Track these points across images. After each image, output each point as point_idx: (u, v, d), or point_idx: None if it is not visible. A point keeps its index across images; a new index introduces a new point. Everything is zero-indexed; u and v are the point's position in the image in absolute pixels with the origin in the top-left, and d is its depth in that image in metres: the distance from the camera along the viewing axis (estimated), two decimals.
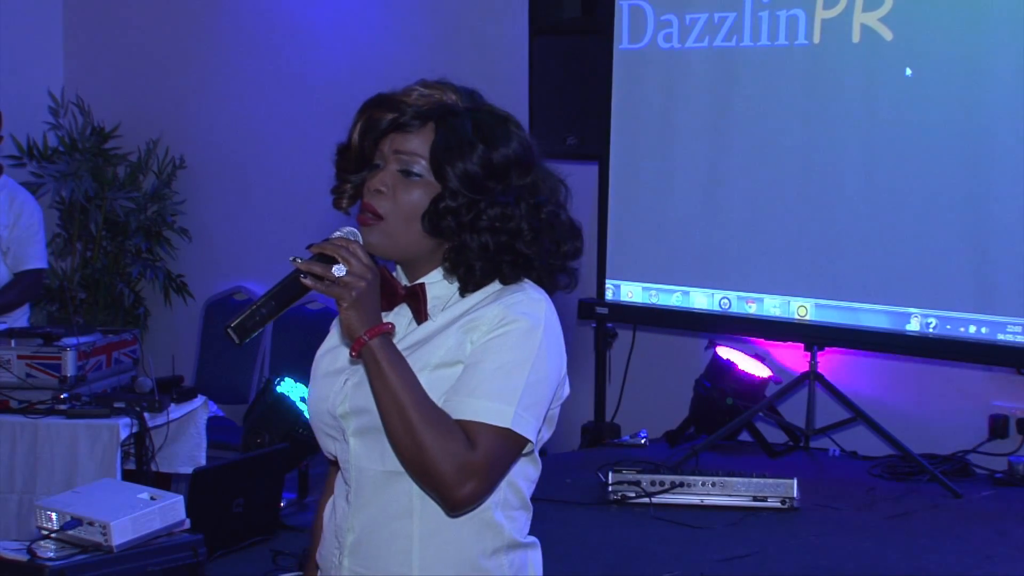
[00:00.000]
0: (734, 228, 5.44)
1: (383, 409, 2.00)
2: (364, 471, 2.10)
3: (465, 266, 2.08)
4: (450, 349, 2.07)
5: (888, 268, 5.07)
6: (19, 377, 4.58)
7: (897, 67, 5.01)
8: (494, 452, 2.01)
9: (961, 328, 4.93)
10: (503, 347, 2.04)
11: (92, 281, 7.27)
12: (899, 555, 4.24)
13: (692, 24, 5.51)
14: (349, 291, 1.98)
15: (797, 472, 4.88)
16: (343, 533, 2.14)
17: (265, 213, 7.15)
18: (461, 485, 1.98)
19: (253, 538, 4.07)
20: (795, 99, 5.27)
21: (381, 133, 2.09)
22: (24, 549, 3.12)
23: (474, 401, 2.02)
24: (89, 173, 7.14)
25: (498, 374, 2.03)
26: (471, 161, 2.05)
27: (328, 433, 2.16)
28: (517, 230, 2.08)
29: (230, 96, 7.24)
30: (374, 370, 1.99)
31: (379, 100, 2.10)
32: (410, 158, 2.07)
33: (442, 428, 1.98)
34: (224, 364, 6.97)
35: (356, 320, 1.99)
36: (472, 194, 2.06)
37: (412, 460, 2.00)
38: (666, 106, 5.60)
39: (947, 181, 4.93)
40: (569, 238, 2.15)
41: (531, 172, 2.11)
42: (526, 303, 2.09)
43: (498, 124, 2.11)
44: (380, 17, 6.76)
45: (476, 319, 2.07)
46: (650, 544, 4.31)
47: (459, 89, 2.15)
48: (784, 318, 5.34)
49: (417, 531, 2.08)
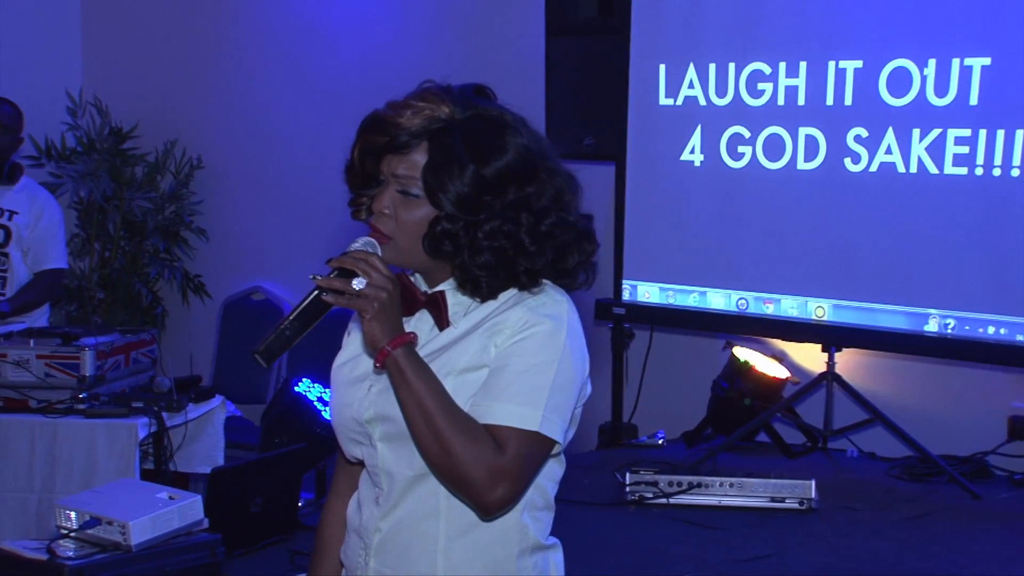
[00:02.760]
0: (751, 229, 5.44)
1: (410, 418, 2.00)
2: (393, 475, 2.11)
3: (472, 283, 2.09)
4: (474, 354, 2.07)
5: (906, 269, 5.06)
6: (38, 377, 4.59)
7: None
8: (523, 455, 2.01)
9: (980, 329, 4.91)
10: (528, 350, 2.04)
11: (110, 281, 7.29)
12: (917, 556, 4.23)
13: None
14: (371, 303, 1.99)
15: (815, 473, 4.87)
16: (369, 534, 2.14)
17: (282, 213, 7.16)
18: (492, 490, 1.99)
19: (271, 538, 4.08)
20: (813, 97, 5.26)
21: (378, 154, 2.10)
22: (44, 548, 3.13)
23: (501, 405, 2.02)
24: (107, 173, 7.16)
25: (524, 377, 2.03)
26: (462, 182, 2.04)
27: (353, 439, 2.16)
28: (519, 244, 2.06)
29: (247, 96, 7.26)
30: (399, 380, 2.00)
31: (372, 123, 2.10)
32: (407, 180, 2.07)
33: (470, 434, 1.99)
34: (242, 364, 6.97)
35: (379, 331, 2.00)
36: (468, 215, 2.05)
37: (442, 467, 2.00)
38: (683, 105, 5.59)
39: (966, 181, 4.91)
40: (576, 242, 2.12)
41: (532, 180, 2.09)
42: (549, 305, 2.09)
43: (493, 135, 2.08)
44: (397, 18, 6.77)
45: (500, 323, 2.07)
46: (667, 545, 4.30)
47: (457, 96, 2.12)
48: (802, 319, 5.33)
49: (443, 532, 2.09)
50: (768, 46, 5.35)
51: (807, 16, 5.28)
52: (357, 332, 2.22)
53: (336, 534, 2.30)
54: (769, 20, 5.37)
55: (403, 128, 2.06)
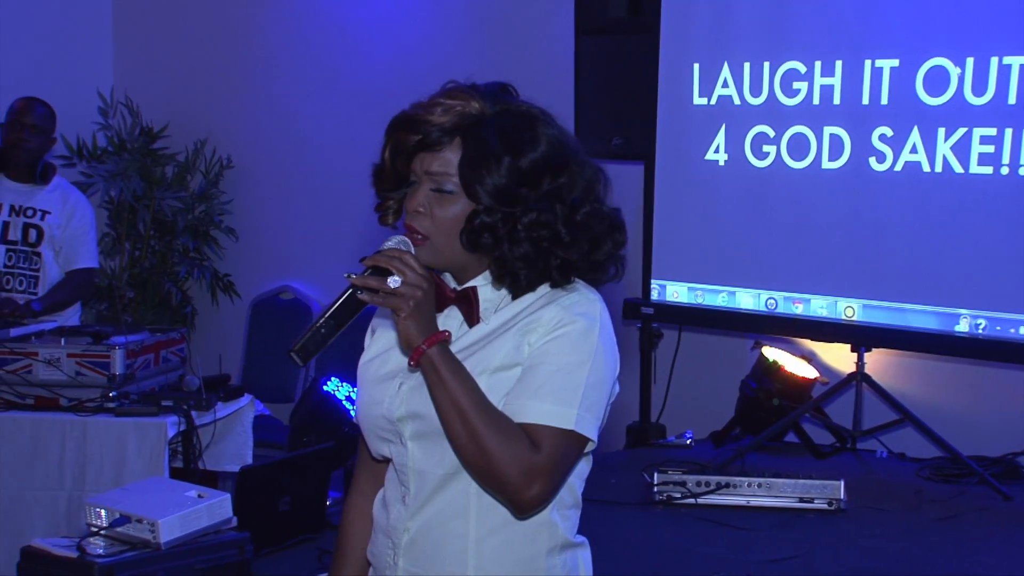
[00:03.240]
0: (781, 228, 5.42)
1: (444, 417, 2.00)
2: (423, 474, 2.10)
3: (510, 275, 2.09)
4: (508, 352, 2.07)
5: (937, 268, 5.03)
6: (69, 375, 4.62)
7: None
8: (558, 454, 2.02)
9: (1011, 329, 4.88)
10: (562, 349, 2.05)
11: (140, 280, 7.33)
12: (947, 558, 4.21)
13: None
14: (406, 302, 1.99)
15: (844, 474, 4.85)
16: (398, 533, 2.14)
17: (311, 213, 7.18)
18: (528, 488, 1.99)
19: (299, 536, 4.09)
20: (844, 97, 5.24)
21: (410, 154, 2.10)
22: (74, 546, 3.15)
23: (537, 403, 2.02)
24: (137, 173, 7.20)
25: (559, 376, 2.03)
26: (499, 175, 2.04)
27: (382, 436, 2.16)
28: (555, 235, 2.07)
29: (277, 96, 7.28)
30: (433, 379, 2.00)
31: (402, 122, 2.10)
32: (441, 177, 2.07)
33: (505, 432, 1.99)
34: (270, 363, 7.00)
35: (414, 330, 1.99)
36: (505, 207, 2.05)
37: (477, 466, 2.00)
38: (717, 104, 5.58)
39: (996, 179, 4.88)
40: (609, 233, 2.13)
41: (564, 171, 2.10)
42: (582, 303, 2.09)
43: (525, 127, 2.09)
44: (427, 17, 6.77)
45: (533, 321, 2.08)
46: (695, 545, 4.29)
47: (484, 92, 2.12)
48: (831, 319, 5.31)
49: (473, 531, 2.09)
50: (802, 45, 5.33)
51: (841, 15, 5.25)
52: (383, 330, 2.23)
53: (359, 533, 2.31)
54: (802, 19, 5.34)
55: (435, 125, 2.07)
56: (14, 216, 5.60)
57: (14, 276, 5.59)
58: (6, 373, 4.62)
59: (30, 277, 5.61)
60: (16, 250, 5.60)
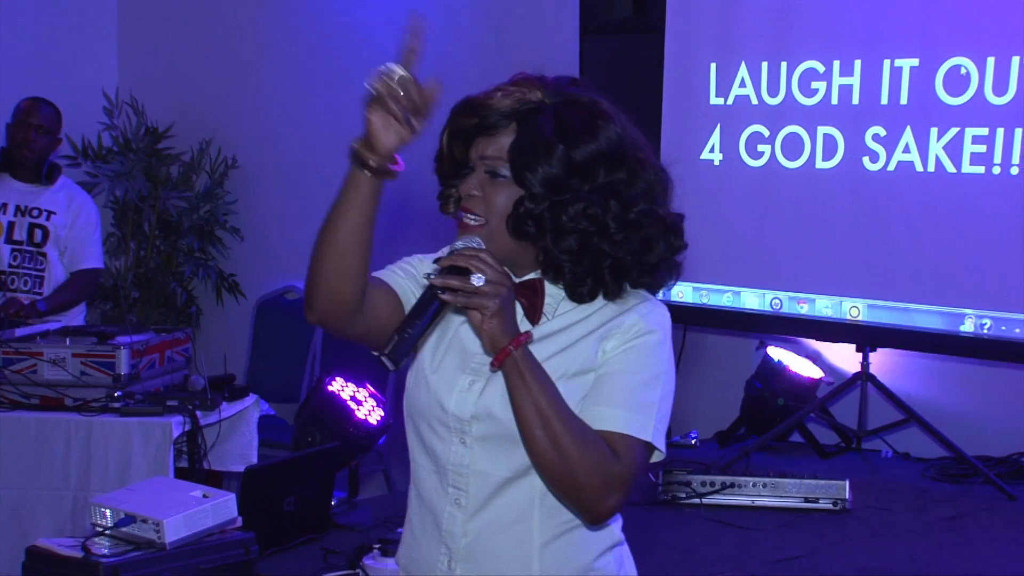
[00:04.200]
0: (786, 228, 5.41)
1: (526, 421, 1.94)
2: (485, 476, 2.06)
3: (554, 268, 2.05)
4: (587, 358, 2.04)
5: (942, 268, 5.03)
6: (74, 375, 4.62)
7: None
8: (635, 463, 2.00)
9: (1016, 329, 4.87)
10: (642, 360, 2.03)
11: (145, 280, 7.34)
12: (952, 558, 4.20)
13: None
14: (491, 300, 1.93)
15: (849, 474, 4.85)
16: (454, 538, 2.08)
17: (317, 213, 7.09)
18: (607, 497, 1.96)
19: (304, 536, 4.08)
20: (849, 97, 5.23)
21: (468, 138, 2.07)
22: (79, 546, 3.14)
23: (618, 412, 1.99)
24: (143, 173, 7.21)
25: (638, 386, 2.01)
26: (550, 163, 2.00)
27: (437, 433, 2.10)
28: (603, 229, 2.02)
29: (282, 96, 7.28)
30: (517, 382, 1.94)
31: (463, 106, 2.09)
32: (494, 161, 2.04)
33: (587, 440, 1.95)
34: (275, 363, 7.00)
35: (499, 330, 1.94)
36: (554, 196, 2.01)
37: (557, 473, 1.95)
38: (718, 105, 5.57)
39: (1001, 179, 4.87)
40: (663, 235, 2.09)
41: (623, 166, 2.05)
42: (656, 313, 2.09)
43: (584, 118, 2.05)
44: (431, 17, 6.72)
45: (613, 327, 2.05)
46: (700, 545, 4.29)
47: (550, 83, 2.11)
48: (836, 319, 5.31)
49: (537, 534, 2.05)
50: (811, 44, 5.32)
51: (850, 14, 5.24)
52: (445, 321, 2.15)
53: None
54: (811, 17, 5.33)
55: (493, 109, 2.05)
56: (19, 216, 5.61)
57: (19, 276, 5.60)
58: (11, 373, 4.64)
59: (35, 277, 5.62)
60: (21, 250, 5.61)
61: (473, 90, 2.15)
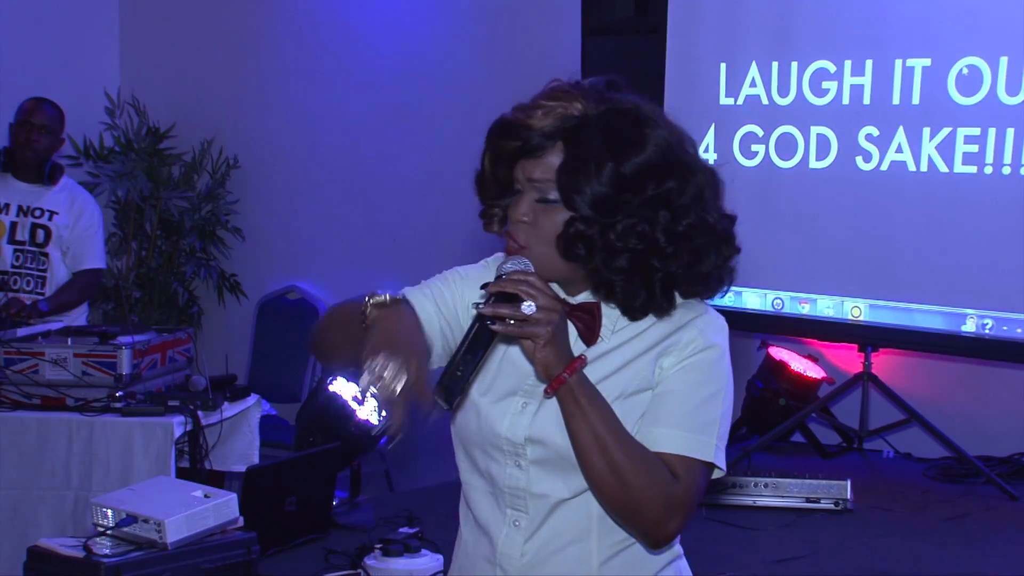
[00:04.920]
0: (788, 229, 5.41)
1: (582, 447, 1.90)
2: (543, 497, 2.00)
3: (606, 287, 1.98)
4: (645, 377, 1.98)
5: (943, 269, 5.03)
6: (75, 375, 4.62)
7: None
8: (697, 485, 1.95)
9: (1018, 329, 4.88)
10: (700, 377, 1.98)
11: (147, 280, 7.33)
12: (954, 558, 4.20)
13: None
14: (544, 328, 1.86)
15: (850, 474, 4.85)
16: (511, 560, 2.03)
17: (318, 213, 7.18)
18: (669, 522, 1.92)
19: (305, 536, 4.08)
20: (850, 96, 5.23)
21: (512, 160, 1.99)
22: (80, 546, 3.14)
23: (678, 433, 1.94)
24: (144, 173, 7.20)
25: (697, 404, 1.96)
26: (600, 182, 1.91)
27: (491, 456, 2.04)
28: (654, 244, 1.94)
29: (284, 96, 7.28)
30: (572, 408, 1.89)
31: (502, 127, 1.99)
32: (544, 184, 1.95)
33: (647, 465, 1.91)
34: (277, 363, 7.00)
35: (553, 357, 1.88)
36: (605, 216, 1.92)
37: (616, 499, 1.91)
38: (720, 104, 5.57)
39: (1003, 180, 4.87)
40: (714, 245, 2.01)
41: (672, 174, 1.96)
42: (715, 326, 2.02)
43: (630, 128, 1.96)
44: (434, 16, 6.77)
45: (671, 344, 1.99)
46: (702, 545, 4.28)
47: (588, 90, 2.03)
48: (838, 319, 5.31)
49: (596, 552, 2.01)
50: (813, 44, 5.32)
51: (850, 14, 5.24)
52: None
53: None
54: (812, 18, 5.33)
55: (535, 129, 1.96)
56: (22, 216, 5.60)
57: (21, 276, 5.60)
58: (13, 373, 4.63)
59: (37, 277, 5.62)
60: (24, 250, 5.61)
61: (475, 91, 2.14)
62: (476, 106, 6.09)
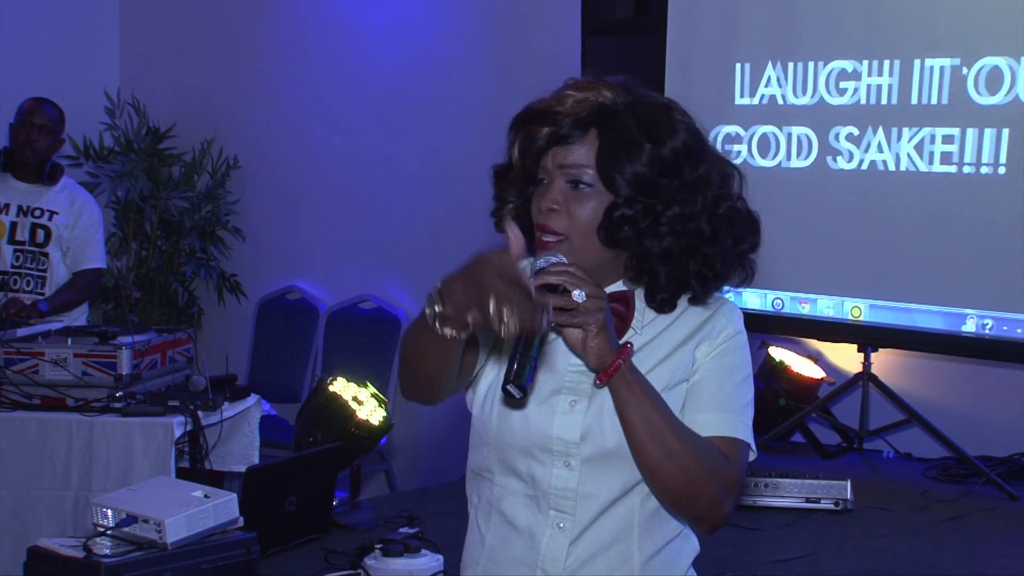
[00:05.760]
0: (787, 228, 5.40)
1: (639, 435, 1.89)
2: (589, 498, 1.99)
3: (649, 274, 1.97)
4: (685, 368, 2.00)
5: (943, 269, 5.03)
6: (75, 375, 4.62)
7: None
8: (744, 466, 1.97)
9: (1018, 329, 4.88)
10: (736, 361, 2.01)
11: (147, 280, 7.34)
12: (954, 558, 4.20)
13: None
14: (596, 316, 1.85)
15: (851, 474, 4.85)
16: (555, 563, 2.01)
17: (318, 213, 7.18)
18: (724, 503, 1.94)
19: (305, 536, 4.08)
20: (849, 99, 5.23)
21: (541, 148, 1.97)
22: (80, 546, 3.15)
23: (723, 416, 1.97)
24: (144, 173, 7.21)
25: (736, 389, 2.00)
26: (640, 163, 1.92)
27: (536, 458, 2.00)
28: (698, 230, 1.96)
29: (284, 96, 7.28)
30: (627, 395, 1.89)
31: (533, 114, 1.98)
32: (577, 170, 1.94)
33: (702, 449, 1.92)
34: (277, 363, 7.01)
35: (605, 346, 1.87)
36: (647, 198, 1.92)
37: (674, 485, 1.91)
38: (719, 105, 5.57)
39: (1003, 180, 4.87)
40: (748, 232, 2.04)
41: (703, 161, 1.99)
42: (737, 314, 2.07)
43: (661, 115, 1.98)
44: (433, 17, 6.77)
45: (705, 334, 2.02)
46: (703, 545, 4.27)
47: (612, 84, 2.04)
48: (838, 319, 5.31)
49: (638, 553, 2.01)
50: (813, 44, 5.32)
51: (847, 15, 5.24)
52: None
53: None
54: (812, 17, 5.33)
55: (567, 115, 1.96)
56: (22, 216, 5.61)
57: (21, 276, 5.60)
58: (13, 373, 4.63)
59: (37, 277, 5.62)
60: (24, 250, 5.61)
61: (475, 91, 2.14)
62: (476, 106, 6.09)
